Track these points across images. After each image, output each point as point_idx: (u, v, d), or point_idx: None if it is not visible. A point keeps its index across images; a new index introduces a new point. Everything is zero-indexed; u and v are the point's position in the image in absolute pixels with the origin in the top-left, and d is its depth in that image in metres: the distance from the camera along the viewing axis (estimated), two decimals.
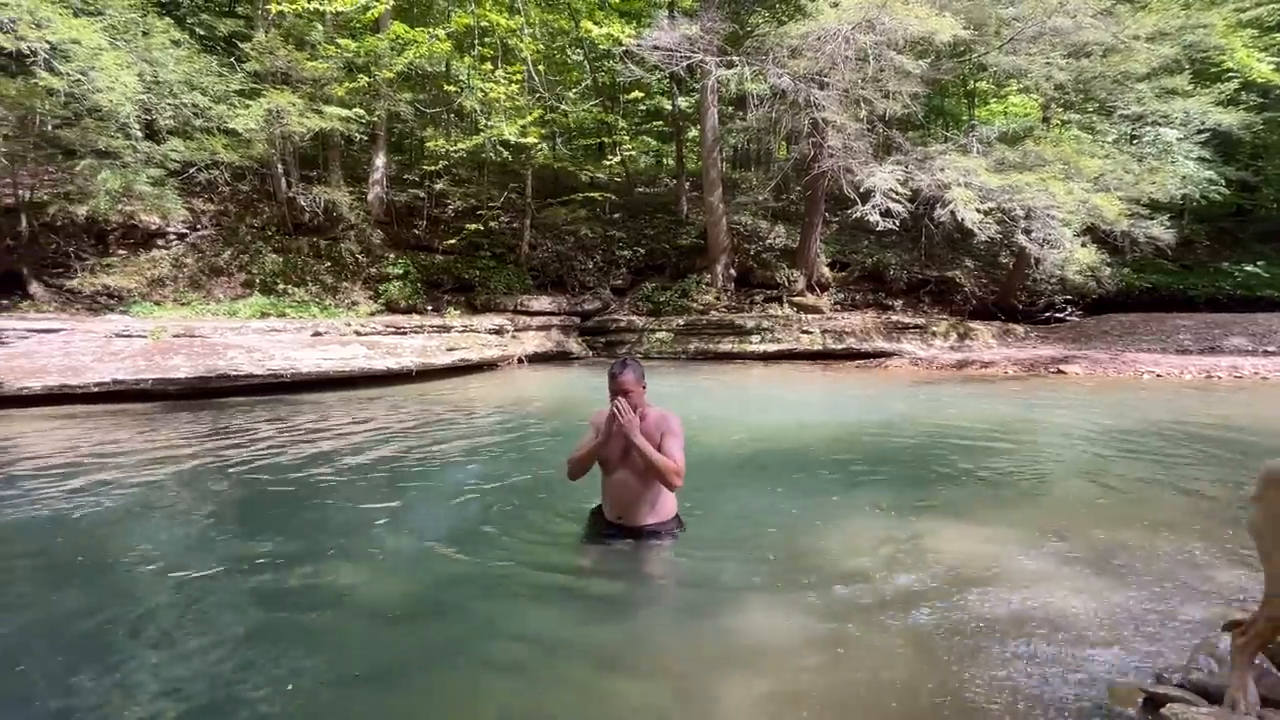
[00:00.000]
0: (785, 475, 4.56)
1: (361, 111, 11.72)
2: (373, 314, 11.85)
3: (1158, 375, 9.78)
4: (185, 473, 4.67)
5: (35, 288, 9.93)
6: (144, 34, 9.93)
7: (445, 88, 13.34)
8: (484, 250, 14.22)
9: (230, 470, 4.72)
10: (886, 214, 11.32)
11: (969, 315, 15.03)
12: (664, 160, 21.81)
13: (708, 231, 14.76)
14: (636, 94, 15.28)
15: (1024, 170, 11.47)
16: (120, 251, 11.29)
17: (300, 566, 2.99)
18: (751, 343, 12.65)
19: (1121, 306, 15.22)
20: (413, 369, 9.63)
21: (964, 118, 18.66)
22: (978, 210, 10.98)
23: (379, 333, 10.29)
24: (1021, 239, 11.87)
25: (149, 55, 9.65)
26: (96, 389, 7.39)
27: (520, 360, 11.92)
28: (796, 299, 14.27)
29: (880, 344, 12.71)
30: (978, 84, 17.96)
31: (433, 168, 13.79)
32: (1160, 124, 13.47)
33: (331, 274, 12.52)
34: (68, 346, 7.92)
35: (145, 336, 8.41)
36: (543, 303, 13.50)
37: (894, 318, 13.74)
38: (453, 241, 13.49)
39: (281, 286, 11.70)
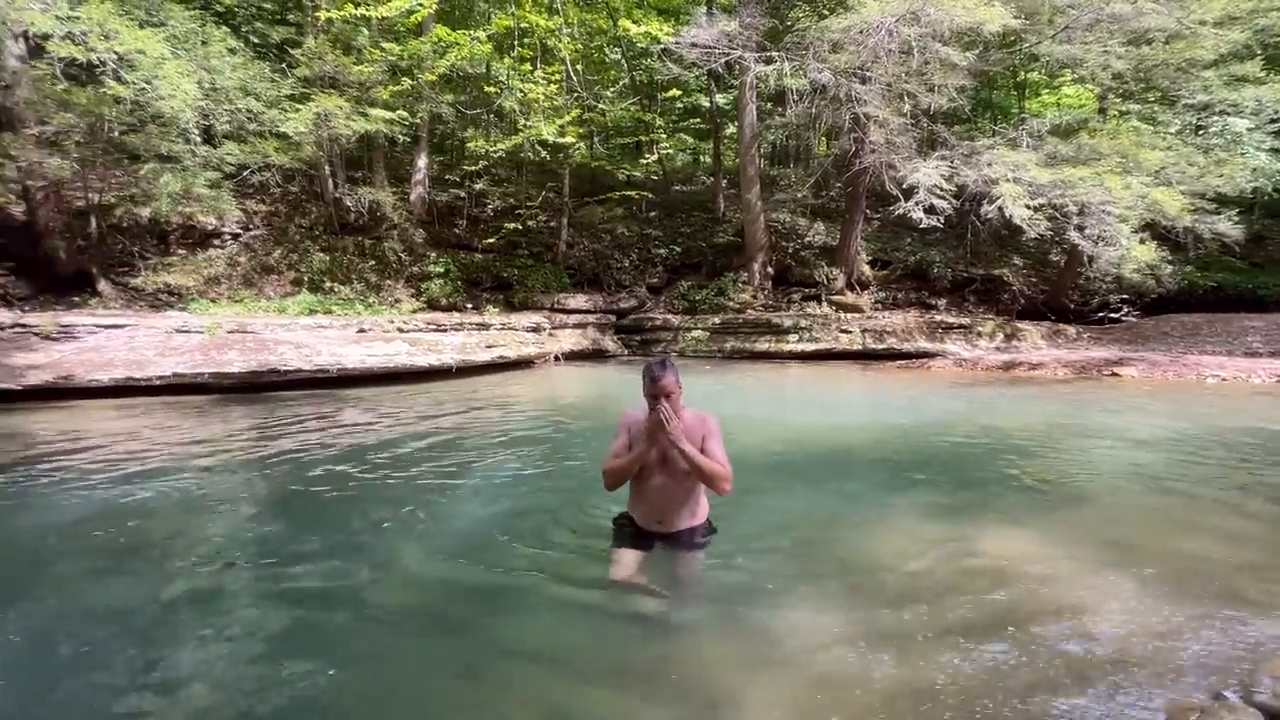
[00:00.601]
0: (822, 477, 4.50)
1: (405, 113, 12.01)
2: (415, 311, 12.14)
3: (1222, 379, 9.26)
4: (235, 464, 4.88)
5: (104, 286, 10.50)
6: (203, 43, 10.38)
7: (485, 89, 13.57)
8: (522, 249, 14.42)
9: (276, 463, 4.91)
10: (930, 211, 11.02)
11: (1016, 315, 14.52)
12: (701, 158, 21.71)
13: (745, 229, 14.64)
14: (674, 92, 15.26)
15: (1078, 164, 11.01)
16: (180, 251, 11.85)
17: (328, 562, 3.06)
18: (789, 342, 12.49)
19: (1184, 306, 14.46)
20: (453, 365, 9.83)
21: (1013, 110, 18.02)
22: (1027, 206, 10.60)
23: (421, 330, 10.54)
24: (1074, 236, 11.40)
25: (207, 63, 10.08)
26: (158, 382, 7.78)
27: (557, 358, 12.04)
28: (836, 298, 14.03)
29: (923, 344, 12.40)
30: (1028, 75, 17.31)
31: (473, 168, 14.05)
32: (1229, 113, 12.75)
33: (375, 272, 12.87)
34: (132, 342, 8.35)
35: (202, 332, 8.81)
36: (579, 301, 13.61)
37: (937, 317, 13.37)
38: (492, 240, 13.72)
39: (328, 284, 12.09)
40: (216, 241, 12.17)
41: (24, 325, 8.21)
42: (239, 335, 8.93)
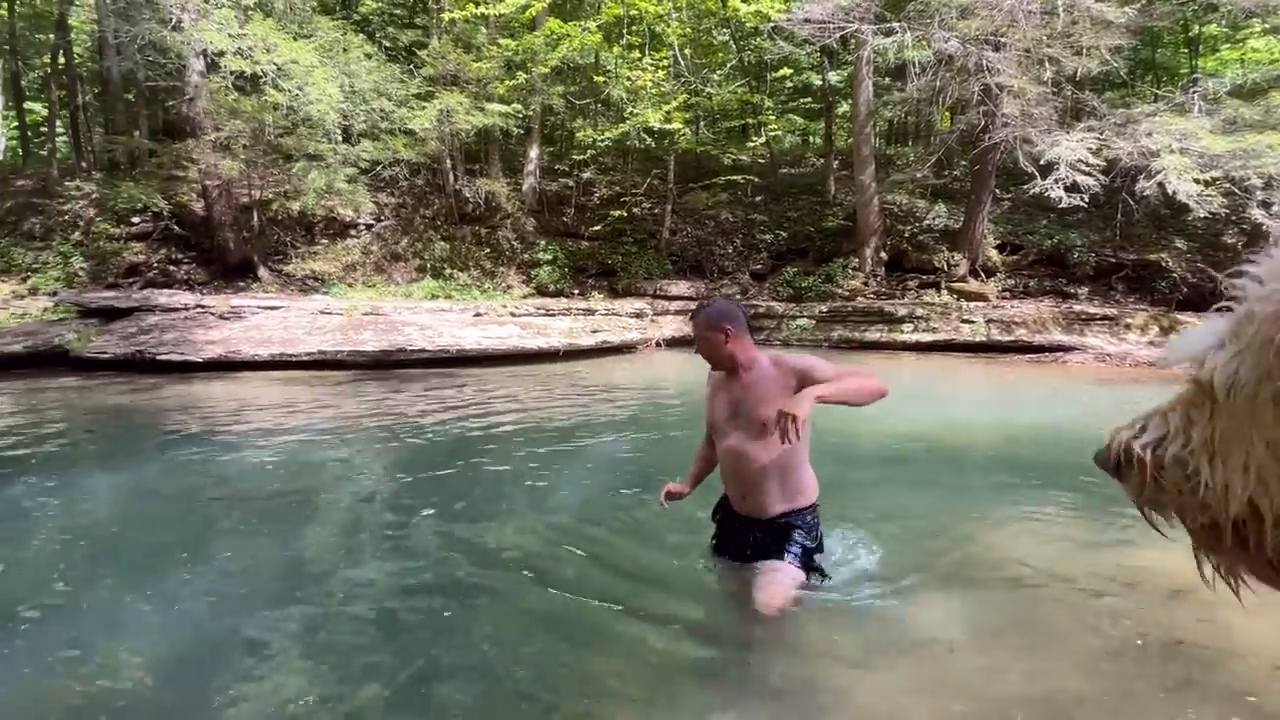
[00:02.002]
0: (935, 476, 4.25)
1: (519, 107, 12.52)
2: (525, 297, 12.71)
3: None
4: (372, 433, 5.39)
5: (263, 272, 11.88)
6: (344, 50, 11.37)
7: (594, 78, 13.82)
8: (626, 236, 14.62)
9: (406, 433, 5.36)
10: (1072, 189, 9.94)
11: (1176, 306, 12.78)
12: (811, 139, 20.89)
13: (857, 212, 13.95)
14: (784, 71, 14.75)
15: (1264, 130, 9.47)
16: (323, 241, 13.15)
17: (452, 524, 3.33)
18: (903, 332, 11.80)
19: None
20: (560, 349, 10.21)
21: (1182, 71, 15.74)
22: (1195, 180, 9.27)
23: (531, 314, 11.03)
24: (1258, 214, 9.85)
25: (348, 68, 11.05)
26: (306, 358, 8.72)
27: (658, 343, 12.15)
28: (957, 285, 13.05)
29: (1058, 337, 11.26)
30: (1203, 28, 15.03)
31: (581, 157, 14.40)
32: None
33: (490, 260, 13.59)
34: (285, 321, 9.40)
35: (341, 314, 9.74)
36: (681, 287, 13.63)
37: (1076, 307, 12.08)
38: (597, 228, 14.03)
39: (448, 271, 12.93)
40: (353, 232, 13.38)
41: (203, 306, 9.48)
42: (372, 317, 9.79)
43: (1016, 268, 13.86)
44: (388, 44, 14.45)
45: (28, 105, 17.39)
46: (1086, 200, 10.19)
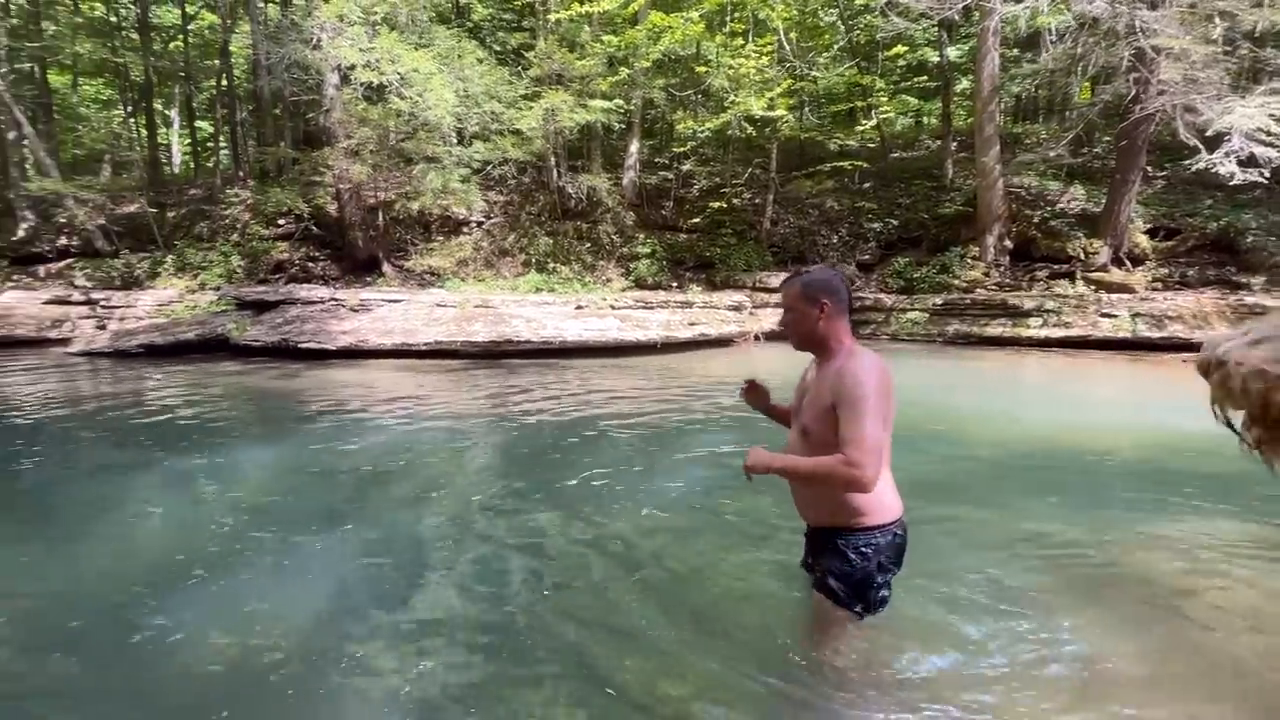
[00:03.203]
0: (1066, 486, 3.84)
1: (620, 102, 12.66)
2: (624, 290, 12.88)
3: None
4: (485, 419, 5.69)
5: (387, 268, 12.87)
6: (459, 56, 12.01)
7: (696, 69, 13.70)
8: (725, 228, 14.43)
9: (514, 418, 5.61)
10: (1248, 163, 8.63)
11: None
12: (926, 120, 19.56)
13: (978, 197, 12.90)
14: (898, 49, 13.90)
15: None
16: (438, 238, 14.03)
17: (552, 508, 3.43)
18: (1029, 326, 10.80)
19: None
20: (657, 341, 10.27)
21: None
22: None
23: (629, 307, 11.16)
24: None
25: (462, 74, 11.66)
26: (423, 347, 9.35)
27: (757, 337, 11.91)
28: (1096, 274, 11.74)
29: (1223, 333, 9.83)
30: None
31: (681, 149, 14.35)
32: None
33: (590, 254, 13.90)
34: (406, 313, 10.13)
35: (455, 307, 10.35)
36: (782, 279, 13.28)
37: (1248, 299, 10.48)
38: (696, 220, 13.94)
39: (551, 265, 13.37)
40: (465, 229, 14.17)
41: (336, 300, 10.41)
42: (482, 310, 10.32)
43: (1171, 255, 12.25)
44: (497, 48, 15.12)
45: (196, 124, 19.92)
46: (1266, 176, 8.79)
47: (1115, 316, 10.39)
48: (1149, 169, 12.38)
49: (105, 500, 3.70)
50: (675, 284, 13.55)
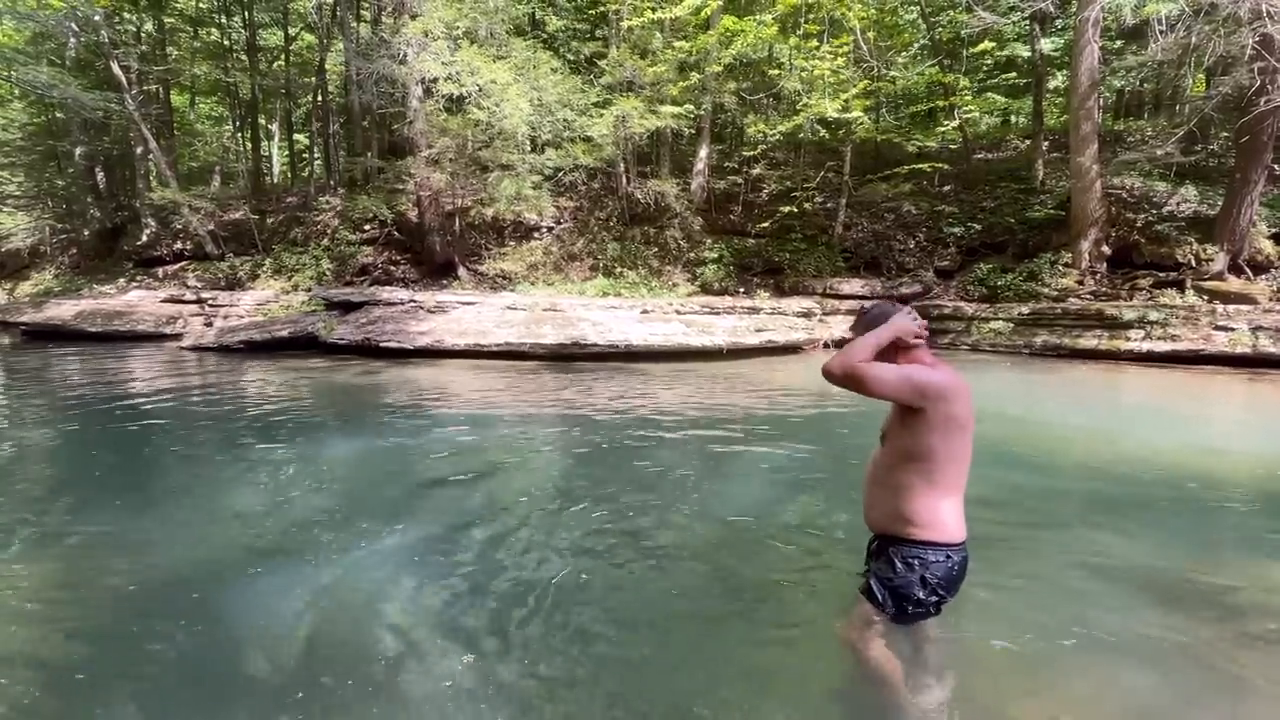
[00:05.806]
0: (1174, 516, 3.51)
1: (690, 107, 12.66)
2: (690, 295, 12.85)
3: None
4: (553, 420, 5.81)
5: (462, 271, 13.38)
6: (534, 67, 12.36)
7: (768, 72, 13.52)
8: (795, 232, 14.15)
9: (581, 421, 5.69)
10: None
11: None
12: (1014, 119, 18.52)
13: (1072, 199, 12.07)
14: (985, 45, 13.23)
15: None
16: (511, 243, 14.47)
17: (617, 508, 3.44)
18: (1129, 339, 9.99)
19: None
20: (723, 347, 10.17)
21: None
22: None
23: (696, 312, 11.12)
24: None
25: (536, 83, 11.99)
26: (495, 348, 9.65)
27: (826, 344, 11.59)
28: (1209, 283, 10.73)
29: None
30: None
31: (751, 153, 14.18)
32: None
33: (657, 258, 13.96)
34: (479, 315, 10.49)
35: (525, 310, 10.63)
36: (854, 286, 12.85)
37: None
38: (765, 225, 13.74)
39: (619, 270, 13.51)
40: (536, 234, 14.54)
41: (415, 302, 10.91)
42: (551, 313, 10.54)
43: None
44: (570, 57, 15.45)
45: (294, 136, 21.44)
46: None
47: (1232, 330, 9.45)
48: (1275, 167, 11.22)
49: (197, 483, 4.03)
50: (742, 289, 13.40)
